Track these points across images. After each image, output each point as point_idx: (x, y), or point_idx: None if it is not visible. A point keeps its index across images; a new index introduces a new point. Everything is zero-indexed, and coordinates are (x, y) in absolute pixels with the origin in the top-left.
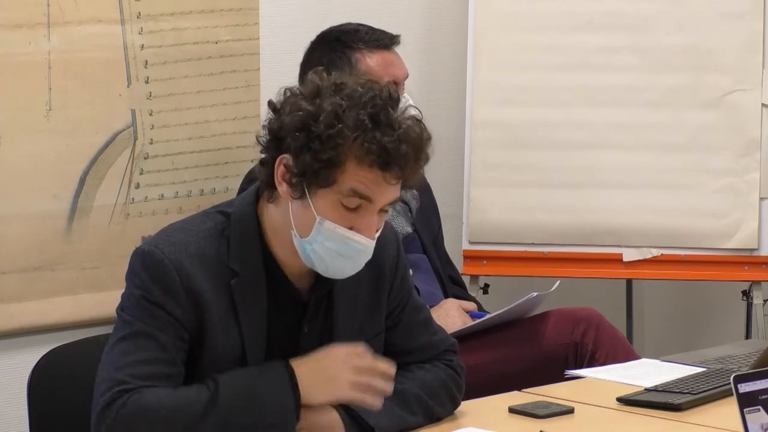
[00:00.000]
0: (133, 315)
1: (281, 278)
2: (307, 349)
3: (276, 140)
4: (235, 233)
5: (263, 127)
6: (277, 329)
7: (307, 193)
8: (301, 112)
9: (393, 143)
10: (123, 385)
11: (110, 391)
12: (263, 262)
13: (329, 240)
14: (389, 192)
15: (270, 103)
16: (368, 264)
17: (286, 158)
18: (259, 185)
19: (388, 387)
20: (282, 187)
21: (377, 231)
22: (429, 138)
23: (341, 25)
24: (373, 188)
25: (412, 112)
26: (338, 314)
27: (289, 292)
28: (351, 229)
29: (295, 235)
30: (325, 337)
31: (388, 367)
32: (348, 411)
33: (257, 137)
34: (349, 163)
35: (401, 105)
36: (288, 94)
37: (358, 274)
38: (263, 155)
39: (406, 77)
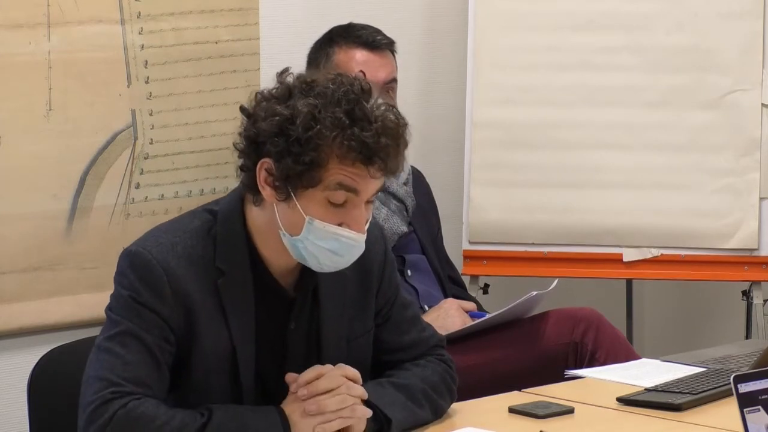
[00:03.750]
0: (121, 315)
1: (267, 276)
2: (295, 346)
3: (254, 145)
4: (222, 232)
5: (239, 134)
6: (264, 327)
7: (292, 195)
8: (277, 117)
9: (372, 137)
10: (117, 387)
11: (104, 390)
12: (249, 261)
13: (320, 239)
14: (374, 183)
15: (242, 109)
16: (355, 262)
17: (267, 162)
18: (243, 186)
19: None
20: (266, 191)
21: (366, 222)
22: (406, 124)
23: (346, 23)
24: (359, 180)
25: (387, 101)
26: (325, 312)
27: (274, 290)
28: (340, 225)
29: (284, 235)
30: (313, 335)
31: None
32: (365, 402)
33: (234, 144)
34: (332, 162)
35: (374, 95)
36: (259, 97)
37: (344, 272)
38: (242, 162)
39: (388, 81)
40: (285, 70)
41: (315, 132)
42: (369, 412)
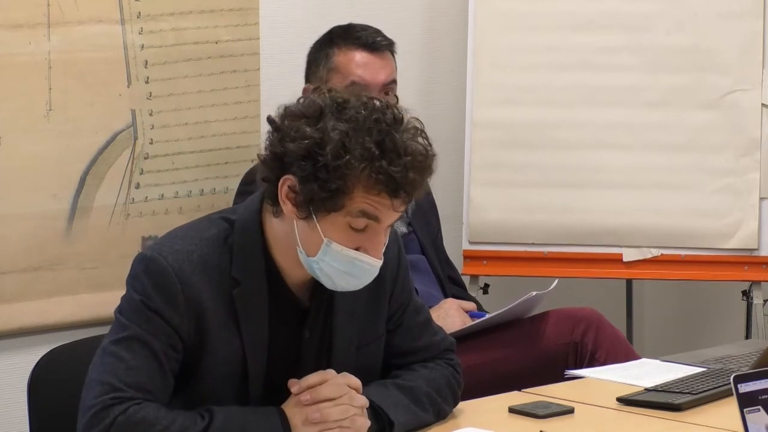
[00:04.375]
0: (130, 319)
1: (282, 287)
2: (308, 355)
3: (280, 162)
4: (239, 242)
5: (265, 148)
6: (277, 337)
7: (313, 215)
8: (306, 141)
9: (401, 172)
10: (118, 392)
11: (105, 395)
12: (265, 271)
13: (336, 261)
14: (396, 213)
15: (270, 120)
16: None
17: (290, 180)
18: (263, 195)
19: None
20: (287, 207)
21: (383, 246)
22: (434, 155)
23: (346, 24)
24: (382, 209)
25: (415, 124)
26: (338, 319)
27: (289, 299)
28: (358, 249)
29: (300, 251)
30: (325, 342)
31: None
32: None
33: (258, 155)
34: (357, 191)
35: (405, 122)
36: (288, 112)
37: None
38: (265, 173)
39: (387, 83)
40: (318, 88)
41: (344, 162)
42: (368, 423)
